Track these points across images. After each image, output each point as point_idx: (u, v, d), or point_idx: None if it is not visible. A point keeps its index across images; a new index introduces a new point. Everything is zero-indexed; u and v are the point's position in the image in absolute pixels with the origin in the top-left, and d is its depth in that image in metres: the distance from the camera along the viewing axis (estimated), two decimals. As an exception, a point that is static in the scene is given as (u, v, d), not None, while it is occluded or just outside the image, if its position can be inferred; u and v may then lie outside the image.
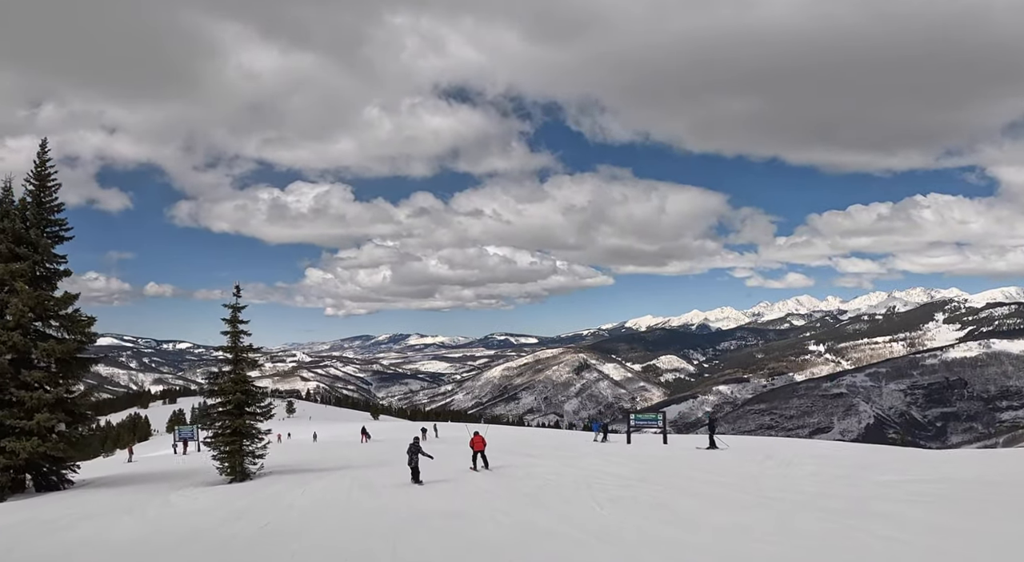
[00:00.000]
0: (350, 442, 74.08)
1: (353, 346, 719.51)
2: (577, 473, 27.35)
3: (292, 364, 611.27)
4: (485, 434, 34.71)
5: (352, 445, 66.70)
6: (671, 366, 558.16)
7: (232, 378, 34.10)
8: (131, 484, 35.68)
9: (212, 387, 35.48)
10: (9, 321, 33.90)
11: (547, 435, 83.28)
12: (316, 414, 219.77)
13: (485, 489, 24.14)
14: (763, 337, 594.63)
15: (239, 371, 34.47)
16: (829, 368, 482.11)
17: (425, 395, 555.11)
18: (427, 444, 41.50)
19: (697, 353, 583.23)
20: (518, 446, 48.95)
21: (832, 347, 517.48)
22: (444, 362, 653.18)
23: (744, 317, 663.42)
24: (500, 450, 43.74)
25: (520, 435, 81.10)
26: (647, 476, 25.35)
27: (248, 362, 34.80)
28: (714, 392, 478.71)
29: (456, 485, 26.34)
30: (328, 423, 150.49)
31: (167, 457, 67.14)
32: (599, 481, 24.39)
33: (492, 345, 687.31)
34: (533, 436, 76.45)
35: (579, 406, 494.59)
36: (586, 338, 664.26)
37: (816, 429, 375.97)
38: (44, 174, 36.97)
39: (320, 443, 78.31)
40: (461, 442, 41.67)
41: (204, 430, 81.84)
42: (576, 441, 56.45)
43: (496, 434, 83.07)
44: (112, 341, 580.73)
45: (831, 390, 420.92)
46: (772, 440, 57.03)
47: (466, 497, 22.60)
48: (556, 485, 24.07)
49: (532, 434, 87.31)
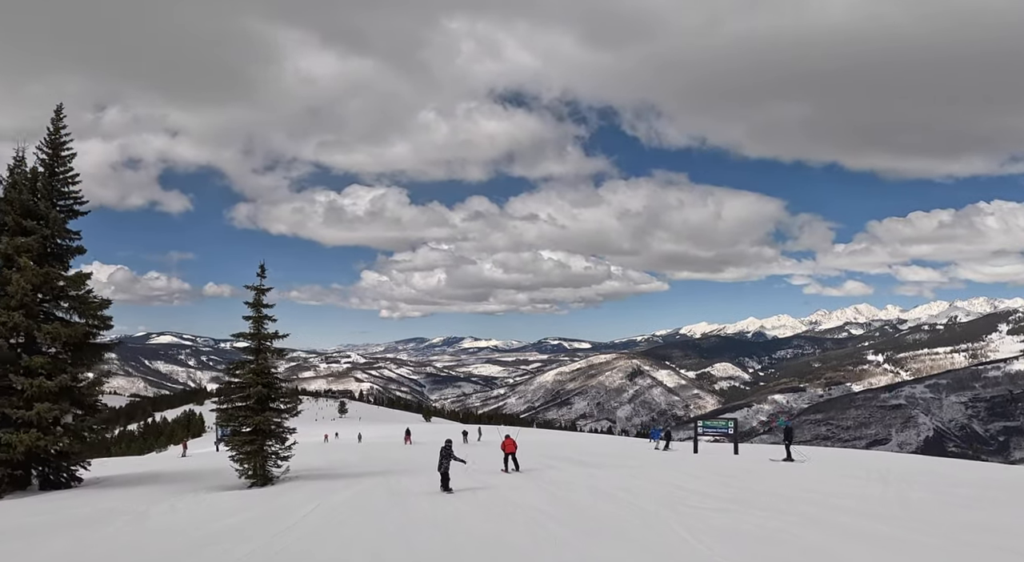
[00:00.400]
0: (394, 444, 71.47)
1: (407, 348, 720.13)
2: (651, 489, 22.62)
3: (347, 365, 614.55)
4: (516, 437, 35.21)
5: (395, 447, 63.68)
6: (726, 374, 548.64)
7: (253, 369, 30.09)
8: (143, 485, 31.98)
9: (231, 380, 31.38)
10: (11, 300, 30.56)
11: (602, 441, 79.12)
12: (367, 415, 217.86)
13: (537, 507, 19.44)
14: (820, 346, 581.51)
15: (261, 361, 30.48)
16: (888, 379, 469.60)
17: (478, 398, 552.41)
18: (467, 448, 37.80)
19: (752, 361, 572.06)
20: (575, 452, 44.83)
21: (891, 357, 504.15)
22: (497, 366, 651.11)
23: (801, 325, 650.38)
24: (556, 458, 39.46)
25: (574, 440, 77.21)
26: (740, 496, 20.50)
27: (272, 351, 30.84)
28: (769, 401, 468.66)
29: (493, 496, 22.21)
30: (377, 424, 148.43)
31: (211, 454, 64.47)
32: (683, 501, 19.57)
33: (545, 349, 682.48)
34: (588, 442, 72.40)
35: (632, 412, 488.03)
36: (640, 344, 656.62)
37: (873, 441, 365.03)
38: (58, 141, 33.36)
39: (364, 444, 75.79)
40: (495, 448, 37.40)
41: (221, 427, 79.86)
42: (635, 448, 52.10)
43: (549, 440, 79.58)
44: (172, 339, 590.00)
45: (889, 401, 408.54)
46: (851, 452, 51.96)
47: (510, 517, 18.06)
48: (629, 505, 19.32)
49: (586, 440, 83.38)
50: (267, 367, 30.42)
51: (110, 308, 33.51)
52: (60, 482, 31.89)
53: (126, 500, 25.93)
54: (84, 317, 32.72)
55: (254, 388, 29.64)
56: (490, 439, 70.34)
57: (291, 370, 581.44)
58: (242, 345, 30.65)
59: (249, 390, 29.85)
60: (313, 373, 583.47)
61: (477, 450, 41.36)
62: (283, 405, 30.73)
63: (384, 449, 59.39)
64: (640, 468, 30.70)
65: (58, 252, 33.26)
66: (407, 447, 62.93)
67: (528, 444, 61.73)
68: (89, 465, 34.61)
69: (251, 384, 29.78)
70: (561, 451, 47.12)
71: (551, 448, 52.35)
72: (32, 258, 30.80)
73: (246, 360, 30.49)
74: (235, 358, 31.58)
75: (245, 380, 30.14)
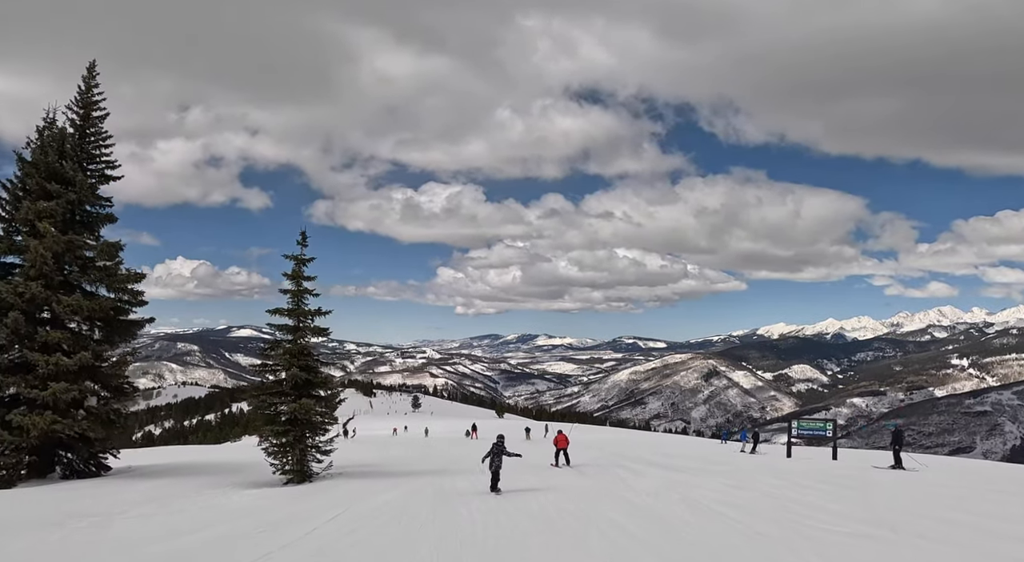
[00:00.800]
0: (460, 439, 69.06)
1: (482, 345, 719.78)
2: (759, 502, 17.76)
3: (422, 360, 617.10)
4: (570, 433, 34.72)
5: (460, 442, 60.63)
6: (803, 376, 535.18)
7: (289, 350, 26.59)
8: (174, 477, 28.63)
9: (264, 362, 27.51)
10: (30, 269, 27.63)
11: (678, 441, 74.56)
12: (440, 410, 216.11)
13: (616, 523, 14.86)
14: (902, 349, 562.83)
15: (300, 340, 26.97)
16: (973, 384, 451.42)
17: (551, 396, 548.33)
18: (530, 444, 34.34)
19: (831, 363, 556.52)
20: (652, 452, 40.57)
21: (976, 362, 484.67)
22: (571, 363, 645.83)
23: (882, 327, 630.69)
24: (632, 459, 35.08)
25: (649, 440, 73.00)
26: (881, 517, 15.29)
27: (312, 330, 27.26)
28: (848, 404, 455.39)
29: (558, 504, 17.53)
30: (448, 419, 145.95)
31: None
32: (807, 522, 14.53)
33: (620, 348, 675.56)
34: (664, 441, 68.00)
35: (707, 413, 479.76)
36: (716, 344, 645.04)
37: (956, 448, 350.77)
38: (89, 100, 30.21)
39: (429, 439, 73.33)
40: (573, 444, 33.32)
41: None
42: (717, 450, 47.65)
43: (623, 439, 75.52)
44: (251, 332, 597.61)
45: (974, 407, 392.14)
46: (964, 461, 46.94)
47: (582, 537, 13.46)
48: (737, 524, 14.48)
49: (662, 439, 78.98)
50: (306, 348, 26.89)
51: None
52: (84, 470, 28.95)
53: (139, 494, 22.65)
54: (113, 291, 29.73)
55: (289, 371, 26.14)
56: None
57: (367, 364, 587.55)
58: (278, 322, 27.00)
59: (284, 374, 26.44)
60: (389, 368, 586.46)
61: (541, 447, 37.65)
62: (324, 392, 27.21)
63: (448, 444, 56.07)
64: (734, 474, 25.97)
65: (87, 220, 30.15)
66: (472, 442, 59.67)
67: (601, 442, 57.79)
68: (118, 453, 31.65)
69: (286, 366, 26.32)
70: (636, 450, 42.96)
71: (625, 447, 48.30)
72: (55, 225, 27.74)
73: (281, 340, 27.02)
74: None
75: (279, 362, 26.59)
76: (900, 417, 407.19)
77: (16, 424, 25.53)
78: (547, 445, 45.60)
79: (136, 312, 30.95)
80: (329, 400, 27.26)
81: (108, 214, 30.66)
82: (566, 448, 31.21)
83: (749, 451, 42.78)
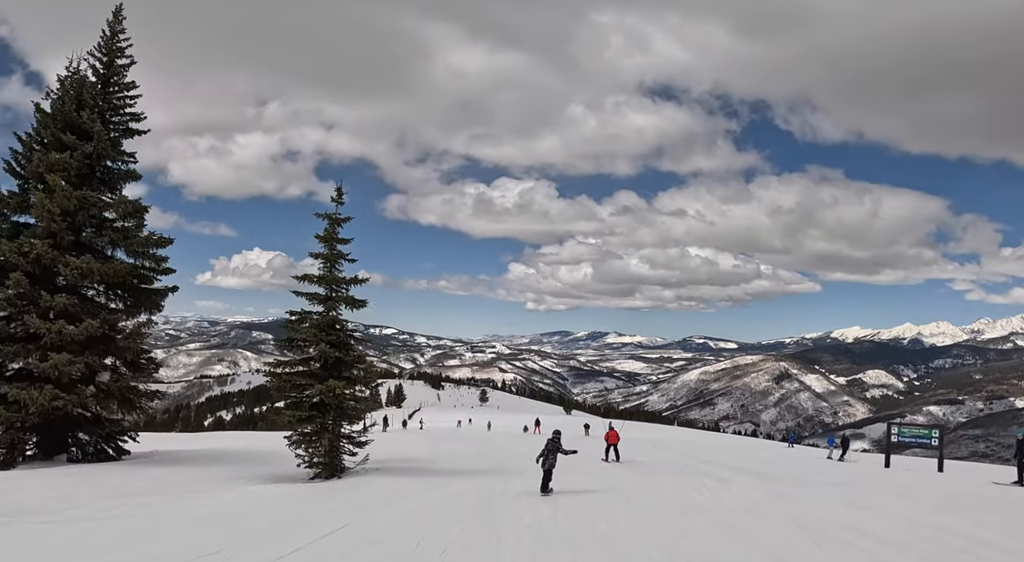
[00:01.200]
0: (522, 434, 65.89)
1: (551, 341, 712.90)
2: (894, 529, 13.31)
3: (491, 355, 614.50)
4: (621, 429, 33.94)
5: (520, 437, 57.26)
6: (878, 381, 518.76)
7: (318, 322, 22.88)
8: (192, 465, 25.35)
9: (291, 335, 23.58)
10: (36, 227, 24.67)
11: (754, 444, 70.10)
12: (507, 404, 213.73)
13: (718, 555, 10.82)
14: (982, 356, 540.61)
15: (331, 311, 23.46)
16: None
17: (619, 394, 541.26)
18: (588, 441, 31.04)
19: (907, 369, 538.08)
20: (732, 456, 36.27)
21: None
22: (640, 362, 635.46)
23: (962, 333, 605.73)
24: (711, 462, 30.86)
25: (721, 441, 68.59)
26: None
27: (346, 300, 23.59)
28: (924, 412, 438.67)
29: (634, 523, 13.30)
30: (515, 414, 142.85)
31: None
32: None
33: (690, 348, 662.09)
34: (737, 444, 63.61)
35: (777, 416, 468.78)
36: (788, 346, 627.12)
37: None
38: (114, 47, 27.15)
39: (492, 433, 70.03)
40: (634, 444, 29.41)
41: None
42: (801, 456, 43.24)
43: (693, 440, 71.46)
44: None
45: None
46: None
47: None
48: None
49: (737, 442, 74.57)
50: (337, 321, 23.35)
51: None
52: (98, 453, 25.90)
53: (142, 484, 19.54)
54: (132, 255, 26.63)
55: (318, 347, 22.64)
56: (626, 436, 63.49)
57: (437, 357, 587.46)
58: (308, 290, 23.37)
59: (311, 349, 22.94)
60: (458, 361, 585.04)
61: (601, 443, 33.98)
62: (358, 372, 23.55)
63: (508, 439, 52.53)
64: (840, 487, 21.30)
65: (107, 176, 27.03)
66: (533, 438, 55.87)
67: (670, 441, 53.94)
68: (137, 436, 28.59)
69: (313, 342, 22.83)
70: (712, 452, 39.00)
71: (698, 448, 44.25)
72: (68, 179, 24.68)
73: (309, 312, 23.45)
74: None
75: (306, 335, 23.00)
76: (979, 428, 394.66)
77: (12, 398, 22.55)
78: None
79: (161, 281, 27.90)
80: (363, 382, 23.68)
81: (131, 171, 27.49)
82: (616, 444, 30.85)
83: (837, 458, 38.47)
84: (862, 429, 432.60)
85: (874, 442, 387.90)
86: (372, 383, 24.22)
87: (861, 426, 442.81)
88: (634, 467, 26.80)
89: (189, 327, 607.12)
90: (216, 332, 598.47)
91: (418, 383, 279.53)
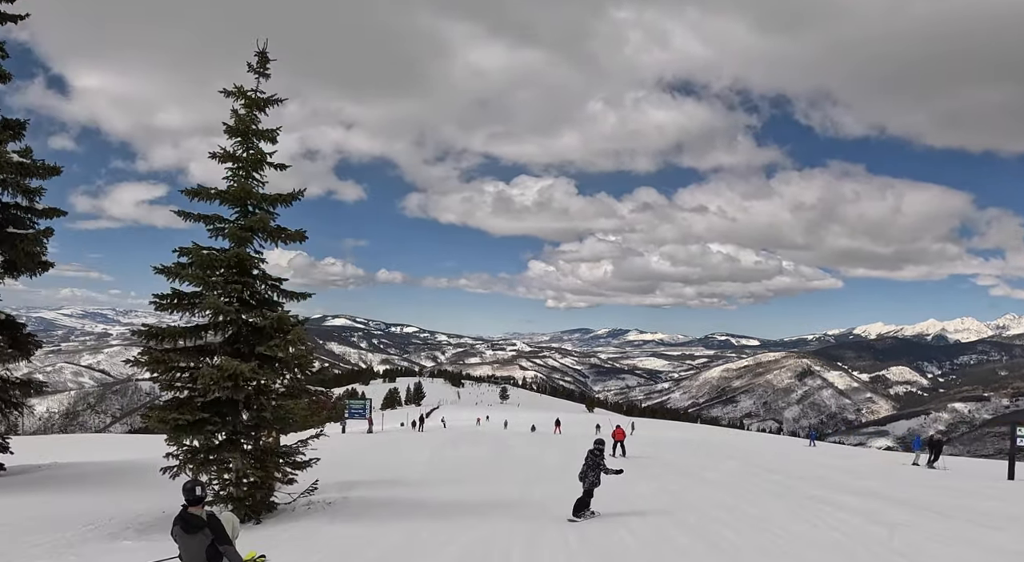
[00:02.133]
0: (540, 434, 59.17)
1: (572, 338, 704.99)
2: None
3: (512, 353, 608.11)
4: (627, 427, 39.14)
5: (537, 438, 50.59)
6: (902, 378, 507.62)
7: (217, 258, 15.26)
8: (66, 491, 18.28)
9: (173, 284, 15.33)
10: None
11: (781, 442, 62.50)
12: (528, 402, 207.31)
13: None
14: (1008, 353, 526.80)
15: (244, 246, 15.79)
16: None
17: (641, 391, 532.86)
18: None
19: (932, 366, 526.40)
20: (801, 464, 29.09)
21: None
22: (662, 359, 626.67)
23: (987, 329, 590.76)
24: (793, 476, 23.50)
25: (760, 442, 61.12)
26: None
27: (269, 232, 16.00)
28: (949, 409, 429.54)
29: None
30: (535, 411, 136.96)
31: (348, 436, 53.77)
32: None
33: (712, 345, 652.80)
34: (764, 442, 56.07)
35: (800, 414, 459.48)
36: (811, 343, 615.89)
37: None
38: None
39: (507, 431, 63.72)
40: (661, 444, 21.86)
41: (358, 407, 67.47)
42: (886, 465, 35.50)
43: (734, 441, 63.58)
44: (345, 322, 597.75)
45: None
46: None
47: None
48: None
49: (772, 442, 66.88)
50: (250, 261, 15.43)
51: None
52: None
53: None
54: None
55: (216, 301, 14.66)
56: (643, 434, 56.72)
57: (458, 355, 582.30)
58: (204, 210, 15.66)
59: (208, 312, 14.92)
60: (479, 359, 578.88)
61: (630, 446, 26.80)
62: (283, 347, 15.50)
63: (527, 442, 45.07)
64: (995, 517, 14.15)
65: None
66: (556, 440, 49.07)
67: (709, 444, 46.65)
68: (8, 444, 21.16)
69: (208, 290, 14.83)
70: (778, 462, 31.60)
71: (757, 455, 36.75)
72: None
73: (205, 247, 15.24)
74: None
75: (191, 279, 14.99)
76: (1006, 424, 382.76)
77: None
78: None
79: (39, 225, 20.28)
80: (296, 365, 15.72)
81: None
82: (623, 440, 33.42)
83: (926, 464, 30.61)
84: (886, 426, 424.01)
85: (898, 440, 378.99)
86: (309, 368, 16.20)
87: (885, 424, 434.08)
88: (704, 483, 19.69)
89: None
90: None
91: (438, 381, 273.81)
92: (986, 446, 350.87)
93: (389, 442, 42.82)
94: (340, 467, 23.05)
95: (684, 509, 15.22)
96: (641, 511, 14.83)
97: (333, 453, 24.82)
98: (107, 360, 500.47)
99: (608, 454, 28.25)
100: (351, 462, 27.02)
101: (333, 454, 24.49)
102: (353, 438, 48.53)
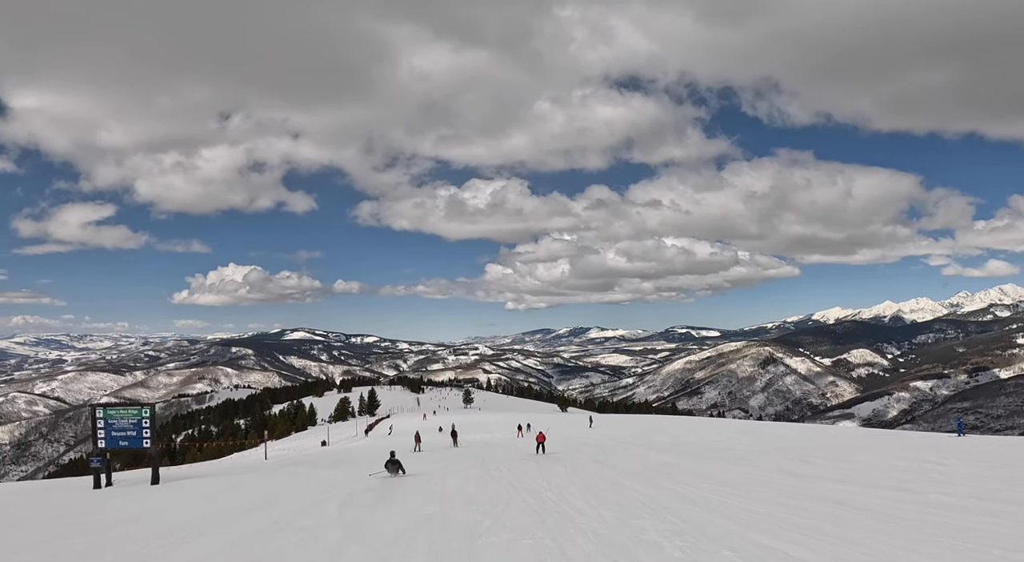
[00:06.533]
0: (501, 443, 49.40)
1: (534, 339, 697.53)
2: None
3: (475, 357, 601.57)
4: (547, 432, 43.96)
5: (501, 449, 42.36)
6: (863, 360, 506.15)
7: None
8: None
9: None
10: None
11: (797, 430, 52.05)
12: (493, 404, 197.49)
13: None
14: (963, 330, 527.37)
15: None
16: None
17: (605, 388, 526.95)
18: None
19: (891, 347, 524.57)
20: (859, 470, 18.52)
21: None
22: (624, 355, 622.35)
23: (941, 308, 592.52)
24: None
25: (776, 429, 50.54)
26: None
27: None
28: (911, 389, 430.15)
29: None
30: (497, 413, 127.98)
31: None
32: None
33: (673, 338, 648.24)
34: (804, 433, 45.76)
35: (765, 402, 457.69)
36: (770, 331, 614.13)
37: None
38: None
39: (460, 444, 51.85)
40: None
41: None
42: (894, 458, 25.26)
43: (756, 429, 53.61)
44: (304, 335, 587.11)
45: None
46: None
47: None
48: None
49: (774, 429, 56.37)
50: None
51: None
52: None
53: None
54: None
55: None
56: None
57: (420, 362, 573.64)
58: None
59: None
60: (442, 365, 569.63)
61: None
62: None
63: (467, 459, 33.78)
64: None
65: None
66: (518, 441, 45.47)
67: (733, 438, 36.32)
68: None
69: None
70: (807, 459, 20.90)
71: (763, 442, 26.11)
72: None
73: None
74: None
75: None
76: (967, 400, 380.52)
77: None
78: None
79: None
80: None
81: None
82: (543, 441, 37.76)
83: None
84: (851, 409, 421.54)
85: (864, 421, 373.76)
86: None
87: (850, 406, 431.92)
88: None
89: (168, 347, 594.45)
90: (196, 350, 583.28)
91: (396, 388, 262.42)
92: (950, 422, 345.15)
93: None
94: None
95: None
96: None
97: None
98: (62, 387, 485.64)
99: (532, 453, 35.99)
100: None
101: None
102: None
